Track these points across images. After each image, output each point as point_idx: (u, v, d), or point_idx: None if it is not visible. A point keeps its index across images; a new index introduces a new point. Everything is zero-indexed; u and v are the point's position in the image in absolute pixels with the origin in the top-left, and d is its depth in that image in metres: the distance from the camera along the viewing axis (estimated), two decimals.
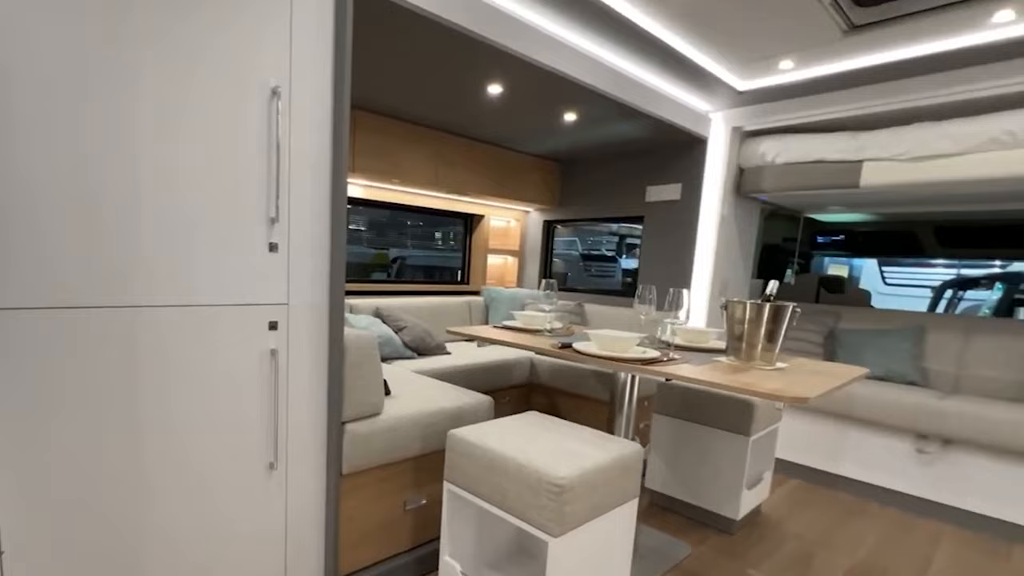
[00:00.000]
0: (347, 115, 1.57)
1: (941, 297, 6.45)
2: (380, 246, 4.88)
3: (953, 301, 6.46)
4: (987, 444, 2.31)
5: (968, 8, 1.99)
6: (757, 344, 1.85)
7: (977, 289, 6.13)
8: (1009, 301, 5.68)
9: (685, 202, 3.29)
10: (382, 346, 2.83)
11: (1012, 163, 2.35)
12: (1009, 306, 5.97)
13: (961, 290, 6.29)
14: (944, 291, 6.34)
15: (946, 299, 6.41)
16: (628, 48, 2.44)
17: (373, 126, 3.02)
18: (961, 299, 6.48)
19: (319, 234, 1.59)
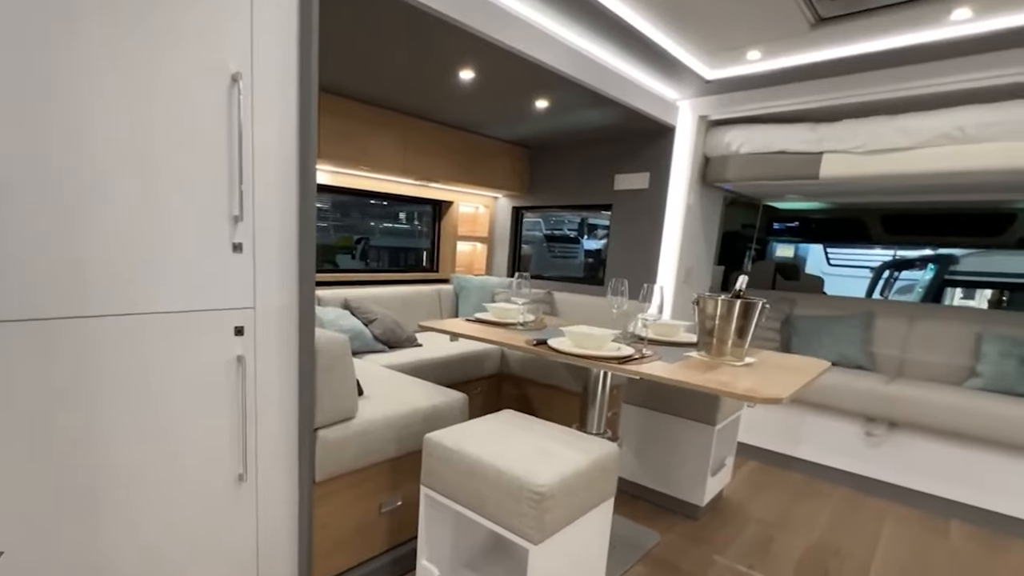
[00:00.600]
0: (315, 103, 1.47)
1: (880, 277, 6.84)
2: (344, 226, 4.70)
3: (890, 281, 6.88)
4: (928, 427, 2.46)
5: (928, 5, 2.03)
6: (728, 340, 1.88)
7: (912, 270, 6.51)
8: (940, 281, 6.06)
9: (653, 191, 3.30)
10: (352, 340, 2.73)
11: (961, 157, 2.44)
12: (940, 285, 6.38)
13: (897, 271, 6.69)
14: (883, 271, 6.72)
15: (884, 279, 6.81)
16: (599, 33, 2.38)
17: (338, 109, 2.86)
18: (897, 279, 6.91)
19: (287, 232, 1.50)
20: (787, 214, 4.32)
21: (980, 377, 2.59)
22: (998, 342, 2.63)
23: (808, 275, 3.95)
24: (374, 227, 4.33)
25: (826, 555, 2.09)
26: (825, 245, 6.52)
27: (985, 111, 2.37)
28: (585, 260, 6.67)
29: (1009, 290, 6.45)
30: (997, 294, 6.64)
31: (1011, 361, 2.54)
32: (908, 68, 2.44)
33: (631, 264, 3.41)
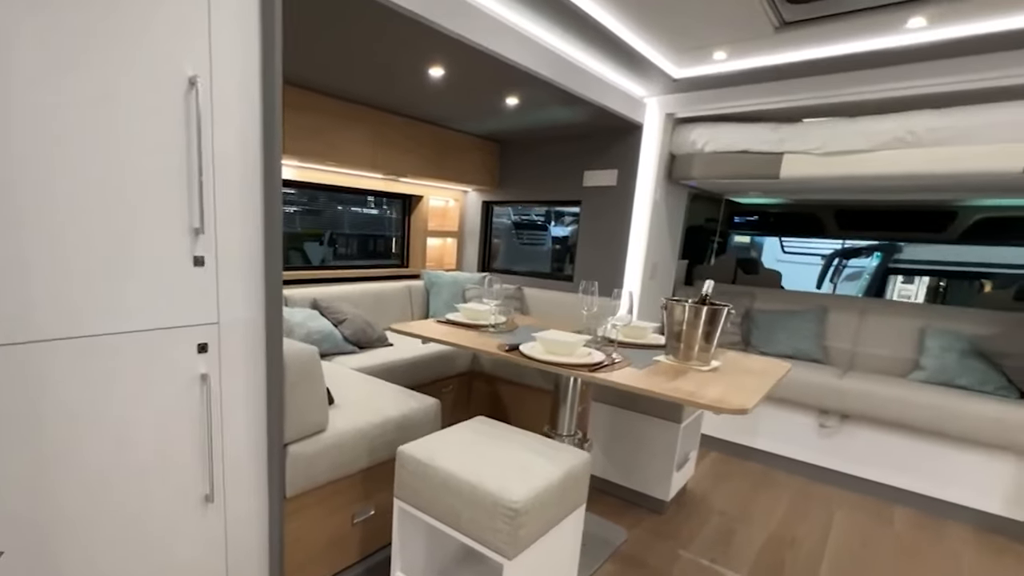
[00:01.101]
0: (279, 107, 1.40)
1: (830, 265, 7.14)
2: (312, 210, 4.57)
3: (839, 268, 7.20)
4: (876, 418, 2.59)
5: (886, 13, 2.09)
6: (695, 345, 1.92)
7: (859, 257, 6.83)
8: (884, 268, 6.37)
9: (621, 188, 3.31)
10: (321, 342, 2.67)
11: (912, 161, 2.53)
12: (884, 273, 6.70)
13: (846, 259, 7.02)
14: (833, 259, 7.03)
15: (834, 266, 7.13)
16: (569, 30, 2.35)
17: (305, 104, 2.74)
18: (846, 266, 7.24)
19: (251, 243, 1.43)
20: (748, 208, 4.43)
21: (923, 370, 2.74)
22: (940, 336, 2.77)
23: (767, 269, 4.07)
24: (342, 211, 4.21)
25: (782, 546, 2.18)
26: (782, 237, 6.75)
27: (934, 116, 2.47)
28: (553, 247, 6.72)
29: (947, 277, 6.84)
30: (935, 281, 7.03)
31: (951, 355, 2.69)
32: (866, 72, 2.50)
33: (599, 260, 3.43)
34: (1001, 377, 2.55)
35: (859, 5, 2.07)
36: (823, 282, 7.22)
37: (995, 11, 1.98)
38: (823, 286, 7.27)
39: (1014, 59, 2.18)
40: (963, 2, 1.95)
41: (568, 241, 5.33)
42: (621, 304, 2.21)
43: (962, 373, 2.63)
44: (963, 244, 3.90)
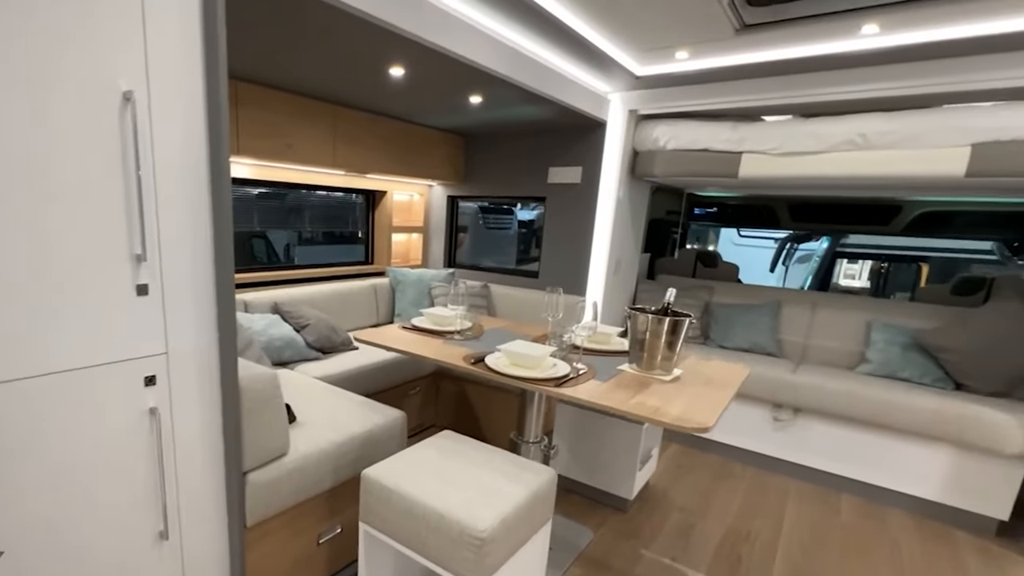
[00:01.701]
0: (226, 119, 1.29)
1: (783, 249, 7.37)
2: (273, 194, 4.39)
3: (791, 252, 7.45)
4: (826, 412, 2.67)
5: (841, 19, 2.10)
6: (657, 355, 1.92)
7: (810, 242, 7.07)
8: (833, 252, 6.60)
9: (585, 186, 3.27)
10: (283, 349, 2.57)
11: (861, 163, 2.58)
12: (832, 256, 6.95)
13: (797, 243, 7.25)
14: (786, 244, 7.26)
15: (786, 250, 7.38)
16: (531, 29, 2.28)
17: (260, 100, 2.57)
18: (797, 250, 7.49)
19: (200, 266, 1.34)
20: (707, 200, 4.49)
21: (869, 363, 2.83)
22: (885, 330, 2.87)
23: (725, 263, 4.13)
24: (305, 195, 4.04)
25: (739, 541, 2.25)
26: (739, 228, 6.93)
27: (884, 120, 2.51)
28: (519, 231, 6.69)
29: (889, 261, 7.15)
30: (878, 264, 7.34)
31: (895, 348, 2.79)
32: (822, 75, 2.52)
33: (564, 257, 3.40)
34: (939, 370, 2.67)
35: (815, 11, 2.09)
36: (776, 265, 7.45)
37: (944, 20, 2.01)
38: (776, 269, 7.51)
39: (960, 66, 2.22)
40: (914, 11, 1.98)
41: (534, 225, 5.29)
42: (586, 312, 2.19)
43: (904, 366, 2.73)
44: (906, 236, 4.04)
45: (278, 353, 2.56)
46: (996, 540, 2.33)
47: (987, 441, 2.30)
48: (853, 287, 8.06)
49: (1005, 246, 4.11)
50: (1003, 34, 2.02)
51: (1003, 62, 2.16)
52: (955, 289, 3.31)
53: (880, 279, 7.54)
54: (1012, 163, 2.27)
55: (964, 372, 2.60)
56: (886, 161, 2.52)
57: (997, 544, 2.30)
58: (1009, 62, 2.15)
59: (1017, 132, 2.24)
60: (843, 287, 7.75)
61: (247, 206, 4.41)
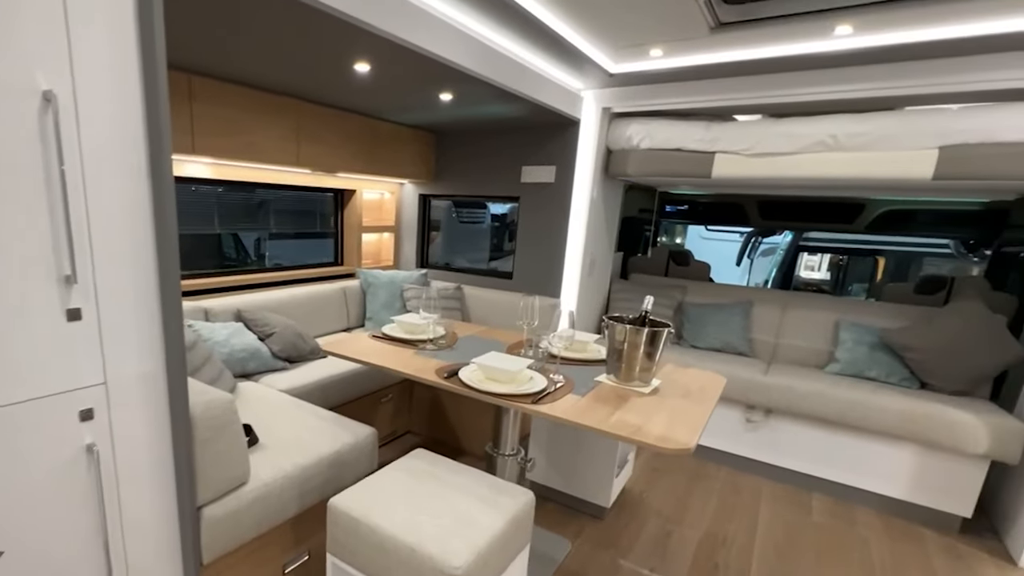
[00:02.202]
0: (165, 112, 1.16)
1: (749, 241, 7.45)
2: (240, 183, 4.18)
3: (756, 245, 7.55)
4: (798, 413, 2.66)
5: (815, 19, 2.05)
6: (636, 366, 1.85)
7: (774, 235, 7.18)
8: (796, 245, 6.70)
9: (559, 185, 3.17)
10: (247, 360, 2.40)
11: (833, 165, 2.55)
12: (796, 249, 7.07)
13: (762, 237, 7.35)
14: (752, 237, 7.34)
15: (751, 244, 7.47)
16: (504, 24, 2.17)
17: (217, 96, 2.38)
18: (761, 243, 7.60)
19: (142, 282, 1.20)
20: (679, 198, 4.45)
21: (838, 362, 2.84)
22: (853, 330, 2.87)
23: (698, 261, 4.11)
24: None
25: (716, 546, 2.22)
26: (709, 225, 7.01)
27: (855, 121, 2.48)
28: (492, 224, 6.59)
29: (848, 255, 7.32)
30: (836, 258, 7.52)
31: (862, 348, 2.80)
32: (796, 75, 2.47)
33: (538, 258, 3.30)
34: (905, 369, 2.69)
35: (790, 10, 2.03)
36: (742, 258, 7.54)
37: (917, 23, 1.98)
38: (742, 262, 7.60)
39: (931, 68, 2.20)
40: (888, 12, 1.94)
41: (507, 219, 5.18)
42: (561, 321, 2.10)
43: (872, 365, 2.74)
44: (869, 234, 4.09)
45: (241, 365, 2.40)
46: (960, 537, 2.36)
47: (952, 441, 2.32)
48: (814, 279, 8.25)
49: (961, 243, 4.20)
50: (973, 37, 2.00)
51: (972, 65, 2.15)
52: (918, 288, 3.35)
53: (839, 271, 7.72)
54: (977, 166, 2.27)
55: (928, 371, 2.62)
56: (857, 163, 2.50)
57: (962, 542, 2.33)
58: (978, 65, 2.14)
59: (983, 135, 2.24)
60: (804, 279, 7.91)
61: (212, 202, 4.18)
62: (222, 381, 2.12)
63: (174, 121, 2.23)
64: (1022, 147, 2.17)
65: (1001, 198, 3.12)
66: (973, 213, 3.46)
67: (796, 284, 7.51)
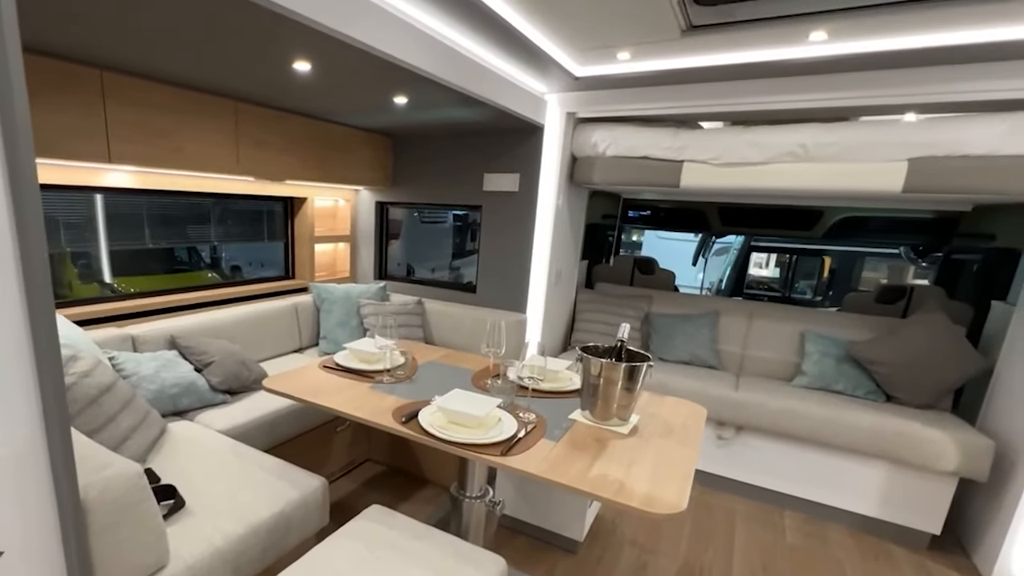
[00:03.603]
0: (22, 107, 0.84)
1: (705, 242, 7.43)
2: None
3: (710, 244, 7.55)
4: (769, 430, 2.53)
5: (790, 24, 1.87)
6: (613, 403, 1.64)
7: (727, 236, 7.20)
8: (748, 245, 6.71)
9: (523, 193, 2.91)
10: (179, 397, 2.06)
11: (801, 176, 2.42)
12: (749, 249, 7.10)
13: (717, 237, 7.35)
14: (707, 237, 7.34)
15: (707, 244, 7.46)
16: (462, 21, 1.91)
17: (137, 95, 2.00)
18: (715, 243, 7.60)
19: (5, 331, 0.88)
20: (641, 203, 4.29)
21: (805, 375, 2.72)
22: (818, 341, 2.77)
23: (663, 269, 3.96)
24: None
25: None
26: (671, 231, 6.95)
27: (824, 131, 2.34)
28: (454, 224, 6.32)
29: (798, 254, 7.42)
30: (786, 257, 7.62)
31: (829, 360, 2.69)
32: (768, 82, 2.32)
33: (503, 270, 3.05)
34: (871, 382, 2.59)
35: (764, 13, 1.86)
36: (698, 258, 7.52)
37: (892, 30, 1.84)
38: (697, 261, 7.58)
39: (902, 78, 2.08)
40: (864, 18, 1.78)
41: (469, 219, 4.91)
42: (529, 349, 1.87)
43: (838, 378, 2.64)
44: (827, 241, 4.04)
45: (173, 402, 2.05)
46: (929, 554, 2.28)
47: (921, 458, 2.22)
48: (764, 276, 8.35)
49: (911, 249, 4.21)
50: (946, 47, 1.88)
51: (944, 75, 2.03)
52: (879, 297, 3.30)
53: (787, 269, 7.83)
54: (946, 179, 2.17)
55: (894, 384, 2.53)
56: (826, 174, 2.37)
57: (931, 559, 2.25)
58: (949, 76, 2.02)
59: (951, 147, 2.14)
60: (756, 277, 7.98)
61: (155, 213, 3.73)
62: (145, 427, 1.78)
63: (82, 125, 1.86)
64: (989, 160, 2.08)
65: (954, 208, 3.08)
66: (924, 221, 3.44)
67: (749, 283, 7.58)
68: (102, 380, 1.73)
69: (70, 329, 1.94)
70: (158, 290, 2.61)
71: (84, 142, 1.87)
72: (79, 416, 1.59)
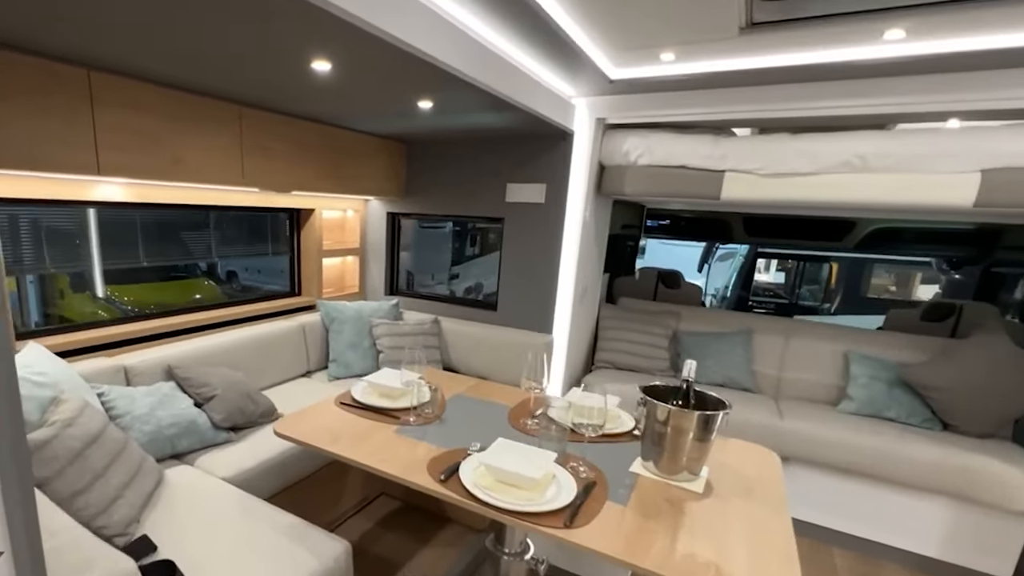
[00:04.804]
0: None
1: (711, 247, 7.20)
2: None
3: (713, 250, 7.32)
4: (818, 461, 2.30)
5: (865, 20, 1.62)
6: (683, 456, 1.40)
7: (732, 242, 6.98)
8: (755, 251, 6.50)
9: (550, 205, 2.66)
10: (178, 438, 1.80)
11: (858, 188, 2.18)
12: (755, 255, 6.89)
13: (722, 242, 7.12)
14: (713, 244, 7.10)
15: (712, 249, 7.23)
16: (497, 15, 1.64)
17: (129, 98, 1.74)
18: (719, 248, 7.37)
19: None
20: (661, 212, 4.04)
21: (852, 401, 2.50)
22: (865, 363, 2.55)
23: (688, 283, 3.72)
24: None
25: None
26: (695, 241, 6.69)
27: (884, 139, 2.11)
28: (453, 229, 6.10)
29: (806, 261, 7.22)
30: (794, 263, 7.42)
31: (878, 385, 2.47)
32: (829, 84, 2.05)
33: (526, 287, 2.78)
34: (926, 409, 2.38)
35: (837, 9, 1.60)
36: (703, 264, 7.29)
37: (982, 28, 1.59)
38: (703, 268, 7.35)
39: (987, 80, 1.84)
40: (949, 14, 1.54)
41: (468, 224, 4.67)
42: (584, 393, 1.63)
43: (890, 404, 2.42)
44: (859, 252, 3.83)
45: (171, 444, 1.79)
46: None
47: (992, 496, 2.01)
48: (769, 282, 8.15)
49: (943, 260, 4.01)
50: None
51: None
52: (925, 315, 3.09)
53: (794, 275, 7.64)
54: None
55: (952, 412, 2.31)
56: (887, 186, 2.13)
57: None
58: None
59: None
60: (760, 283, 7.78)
61: (137, 218, 3.46)
62: (140, 480, 1.52)
63: (67, 132, 1.59)
64: None
65: (999, 220, 2.88)
66: (963, 232, 3.24)
67: (755, 289, 7.36)
68: (89, 428, 1.46)
69: (52, 363, 1.67)
70: (153, 313, 2.33)
71: (69, 151, 1.60)
72: (59, 477, 1.33)
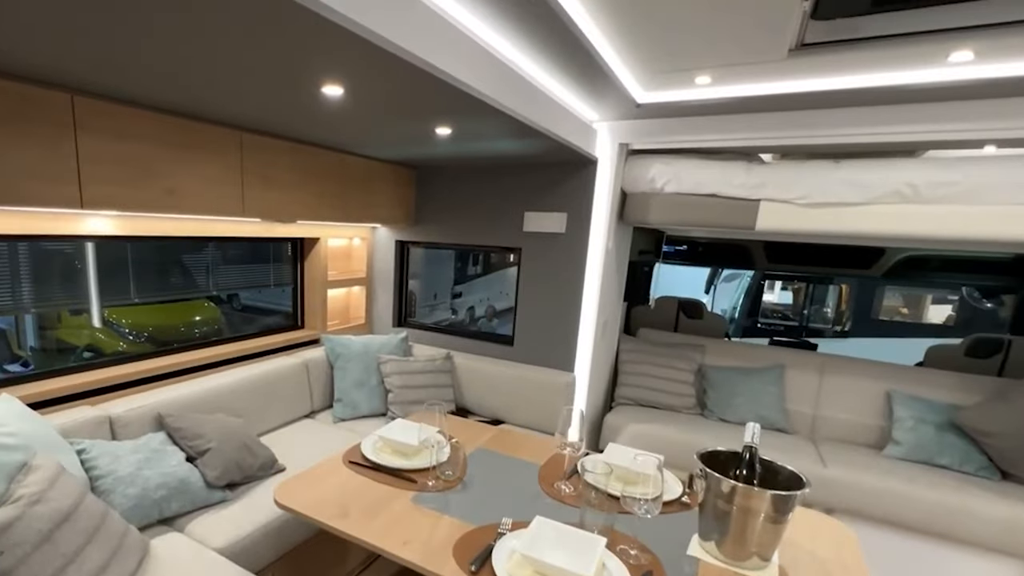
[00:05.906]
0: None
1: (716, 270, 7.00)
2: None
3: (719, 271, 7.13)
4: (867, 515, 2.08)
5: (928, 42, 1.46)
6: (752, 540, 1.18)
7: None
8: (762, 272, 6.31)
9: (571, 235, 2.46)
10: (168, 500, 1.58)
11: (909, 219, 2.01)
12: (763, 276, 6.71)
13: (741, 269, 6.92)
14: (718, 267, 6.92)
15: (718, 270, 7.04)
16: (524, 33, 1.45)
17: (117, 125, 1.55)
18: (723, 269, 7.18)
19: None
20: (677, 238, 3.85)
21: (899, 445, 2.29)
22: (911, 405, 2.34)
23: (712, 314, 3.52)
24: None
25: None
26: (712, 267, 6.52)
27: (938, 168, 1.94)
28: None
29: (814, 282, 7.04)
30: (803, 284, 7.24)
31: (927, 428, 2.26)
32: (885, 109, 1.86)
33: (545, 322, 2.57)
34: (982, 456, 2.16)
35: (899, 29, 1.44)
36: (710, 286, 7.09)
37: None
38: (710, 289, 7.16)
39: None
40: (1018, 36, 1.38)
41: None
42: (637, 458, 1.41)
43: (942, 450, 2.21)
44: (887, 281, 3.64)
45: (159, 508, 1.56)
46: None
47: None
48: (777, 304, 7.95)
49: (974, 288, 3.82)
50: None
51: None
52: (969, 351, 2.89)
53: (803, 296, 7.44)
54: None
55: (1011, 460, 2.10)
56: (940, 219, 1.95)
57: None
58: None
59: None
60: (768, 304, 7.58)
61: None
62: (121, 559, 1.30)
63: (46, 162, 1.39)
64: None
65: None
66: (1000, 262, 3.05)
67: (763, 310, 7.17)
68: (60, 505, 1.24)
69: (24, 419, 1.45)
70: (144, 353, 2.12)
71: (49, 185, 1.41)
72: (23, 565, 1.11)
